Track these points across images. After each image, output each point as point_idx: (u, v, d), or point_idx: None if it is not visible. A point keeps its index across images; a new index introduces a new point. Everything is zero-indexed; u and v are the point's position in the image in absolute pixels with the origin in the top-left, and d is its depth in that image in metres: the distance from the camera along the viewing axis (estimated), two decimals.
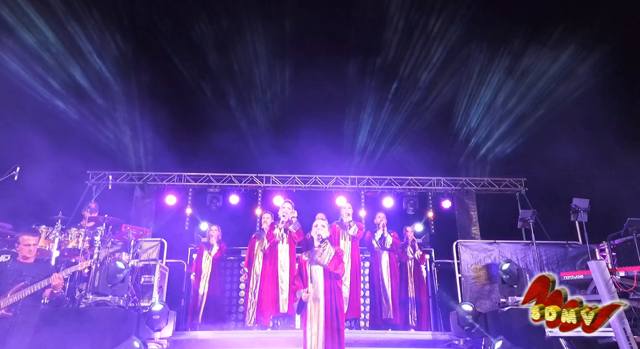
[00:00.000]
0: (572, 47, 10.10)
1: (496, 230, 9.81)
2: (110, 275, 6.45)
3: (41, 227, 6.55)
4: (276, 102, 11.47)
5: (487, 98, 11.07)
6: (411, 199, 10.66)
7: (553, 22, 10.23)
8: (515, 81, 10.80)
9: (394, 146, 11.55)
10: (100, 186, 9.85)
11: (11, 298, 4.45)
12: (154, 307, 6.37)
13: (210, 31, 10.54)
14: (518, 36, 10.44)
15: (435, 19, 10.50)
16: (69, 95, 9.97)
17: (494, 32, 10.47)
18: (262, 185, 10.56)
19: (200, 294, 7.63)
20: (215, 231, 8.02)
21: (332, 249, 4.85)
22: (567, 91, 10.42)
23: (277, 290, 6.95)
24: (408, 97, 11.32)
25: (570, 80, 10.31)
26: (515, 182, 10.74)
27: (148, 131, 10.81)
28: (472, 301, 7.70)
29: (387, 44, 10.83)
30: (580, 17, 9.87)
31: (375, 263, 7.73)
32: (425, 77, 11.01)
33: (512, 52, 10.57)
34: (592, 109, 9.97)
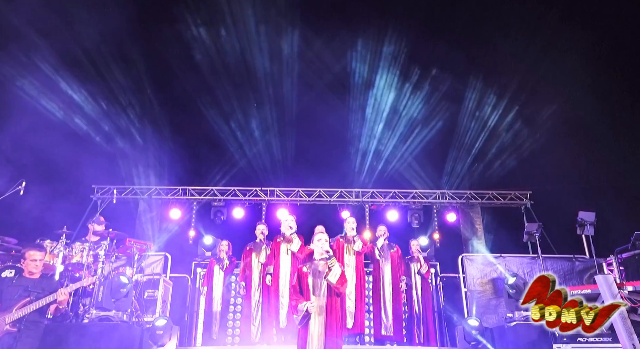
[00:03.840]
0: (578, 52, 10.12)
1: (502, 244, 9.74)
2: (114, 290, 6.43)
3: (46, 242, 6.56)
4: (280, 115, 11.53)
5: (491, 110, 11.08)
6: (416, 213, 10.63)
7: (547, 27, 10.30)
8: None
9: (398, 159, 11.54)
10: (105, 200, 9.88)
11: (16, 313, 4.44)
12: (157, 322, 6.33)
13: (215, 48, 10.66)
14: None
15: (439, 36, 10.59)
16: (77, 111, 10.07)
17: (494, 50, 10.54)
18: (267, 198, 10.56)
19: (214, 311, 7.58)
20: (225, 246, 8.01)
21: (339, 267, 4.80)
22: (573, 101, 10.43)
23: (278, 305, 6.90)
24: (411, 109, 11.35)
25: (577, 90, 10.31)
26: (521, 195, 10.70)
27: (152, 145, 10.87)
28: (479, 315, 7.62)
29: (391, 57, 10.91)
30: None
31: (376, 276, 7.64)
32: (429, 91, 11.05)
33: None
34: (598, 119, 9.97)
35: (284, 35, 10.62)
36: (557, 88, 10.65)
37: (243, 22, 10.44)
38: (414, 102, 11.26)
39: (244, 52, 10.71)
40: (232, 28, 10.51)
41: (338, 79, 11.28)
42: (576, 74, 9.98)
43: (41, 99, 9.55)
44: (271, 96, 11.21)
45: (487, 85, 10.83)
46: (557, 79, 10.59)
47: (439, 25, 10.66)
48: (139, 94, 10.71)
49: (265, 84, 11.10)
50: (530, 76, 10.61)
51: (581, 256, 8.62)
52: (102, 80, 10.27)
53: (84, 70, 9.98)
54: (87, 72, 9.99)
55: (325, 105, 11.15)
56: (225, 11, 10.35)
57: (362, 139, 11.51)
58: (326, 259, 4.83)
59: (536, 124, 10.88)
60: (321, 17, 10.71)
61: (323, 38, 10.86)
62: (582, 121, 10.33)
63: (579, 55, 10.05)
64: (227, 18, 10.45)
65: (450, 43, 10.47)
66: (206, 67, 10.80)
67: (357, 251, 7.37)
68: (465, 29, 10.54)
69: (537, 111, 10.85)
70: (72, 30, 9.44)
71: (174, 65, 10.71)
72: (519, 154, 11.11)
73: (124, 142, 10.82)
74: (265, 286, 7.04)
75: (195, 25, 10.48)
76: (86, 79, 10.05)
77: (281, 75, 11.02)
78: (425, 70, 10.98)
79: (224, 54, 10.74)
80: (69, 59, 9.63)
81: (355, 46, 10.95)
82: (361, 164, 11.53)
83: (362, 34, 10.78)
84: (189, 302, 8.51)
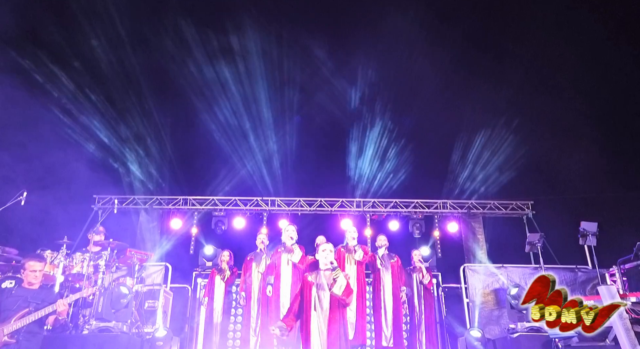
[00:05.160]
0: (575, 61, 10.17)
1: (504, 254, 9.70)
2: (114, 300, 6.40)
3: (46, 252, 6.53)
4: (281, 126, 11.57)
5: (492, 120, 11.11)
6: (417, 223, 10.60)
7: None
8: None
9: (399, 169, 11.55)
10: (106, 210, 9.88)
11: (15, 324, 4.41)
12: (157, 333, 6.30)
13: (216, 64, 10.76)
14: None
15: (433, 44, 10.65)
16: (79, 121, 10.12)
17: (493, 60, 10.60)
18: (268, 208, 10.55)
19: (215, 321, 7.52)
20: (226, 256, 7.98)
21: (344, 279, 4.77)
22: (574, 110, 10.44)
23: (279, 315, 6.85)
24: (413, 120, 11.39)
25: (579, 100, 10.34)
26: (522, 205, 10.67)
27: (154, 155, 10.90)
28: (481, 326, 7.57)
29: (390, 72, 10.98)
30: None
31: (377, 286, 7.58)
32: (429, 101, 11.09)
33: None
34: (601, 130, 9.98)
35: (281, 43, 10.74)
36: (558, 93, 10.69)
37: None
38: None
39: (243, 64, 10.81)
40: (236, 42, 10.64)
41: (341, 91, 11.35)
42: (576, 82, 10.04)
43: (43, 112, 9.61)
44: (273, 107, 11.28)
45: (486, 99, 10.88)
46: (557, 85, 10.64)
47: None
48: (140, 105, 10.76)
49: (268, 96, 11.17)
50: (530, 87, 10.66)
51: (584, 266, 8.57)
52: (103, 91, 10.34)
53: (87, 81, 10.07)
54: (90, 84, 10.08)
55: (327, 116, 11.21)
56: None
57: (366, 148, 11.54)
58: (331, 270, 4.80)
59: (537, 132, 10.91)
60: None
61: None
62: (584, 130, 10.34)
63: (580, 61, 10.12)
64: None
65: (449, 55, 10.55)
66: (208, 79, 10.89)
67: (359, 261, 7.33)
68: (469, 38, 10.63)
69: (538, 119, 10.88)
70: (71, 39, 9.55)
71: (175, 77, 10.79)
72: (520, 164, 11.11)
73: (124, 152, 10.85)
74: (266, 297, 6.99)
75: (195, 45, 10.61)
76: (89, 91, 10.14)
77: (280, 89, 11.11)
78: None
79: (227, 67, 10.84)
80: (70, 70, 9.72)
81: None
82: (362, 174, 11.55)
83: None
84: (189, 313, 8.46)
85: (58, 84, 9.75)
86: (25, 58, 9.29)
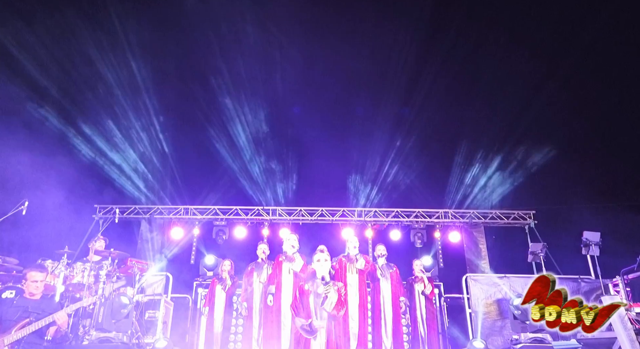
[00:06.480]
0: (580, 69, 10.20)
1: (506, 263, 9.65)
2: (115, 310, 6.36)
3: (47, 262, 6.51)
4: (282, 135, 11.60)
5: (492, 129, 11.12)
6: (419, 232, 10.56)
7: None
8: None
9: (401, 178, 11.55)
10: (107, 219, 9.86)
11: (15, 334, 4.39)
12: (157, 343, 6.26)
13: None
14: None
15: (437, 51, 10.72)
16: (80, 131, 10.16)
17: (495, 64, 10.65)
18: (269, 218, 10.53)
19: (216, 331, 7.46)
20: (227, 266, 7.94)
21: (335, 294, 4.75)
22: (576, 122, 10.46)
23: (280, 325, 6.80)
24: (415, 129, 11.41)
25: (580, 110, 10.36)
26: (524, 214, 10.64)
27: (155, 165, 10.92)
28: (484, 337, 7.50)
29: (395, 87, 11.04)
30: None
31: (376, 296, 7.53)
32: (432, 110, 11.13)
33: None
34: (602, 138, 10.00)
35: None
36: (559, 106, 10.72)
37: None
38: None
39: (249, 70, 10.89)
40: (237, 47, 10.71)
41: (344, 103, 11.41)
42: (576, 93, 10.06)
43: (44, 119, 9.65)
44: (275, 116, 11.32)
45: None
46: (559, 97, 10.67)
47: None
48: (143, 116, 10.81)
49: (269, 104, 11.22)
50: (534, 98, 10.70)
51: (587, 276, 8.51)
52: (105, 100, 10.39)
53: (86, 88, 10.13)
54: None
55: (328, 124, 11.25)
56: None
57: (368, 158, 11.55)
58: (323, 284, 4.80)
59: (540, 143, 10.91)
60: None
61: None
62: (586, 140, 10.36)
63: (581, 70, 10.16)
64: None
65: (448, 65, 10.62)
66: (209, 87, 10.95)
67: (361, 269, 7.30)
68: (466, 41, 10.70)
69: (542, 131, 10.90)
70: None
71: (177, 86, 10.86)
72: (522, 173, 11.11)
73: (127, 162, 10.86)
74: (267, 306, 6.95)
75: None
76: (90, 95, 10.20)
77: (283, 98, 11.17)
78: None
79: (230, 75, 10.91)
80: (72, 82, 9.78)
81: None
82: (364, 183, 11.54)
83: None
84: (189, 323, 8.40)
85: (60, 91, 9.80)
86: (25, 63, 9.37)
